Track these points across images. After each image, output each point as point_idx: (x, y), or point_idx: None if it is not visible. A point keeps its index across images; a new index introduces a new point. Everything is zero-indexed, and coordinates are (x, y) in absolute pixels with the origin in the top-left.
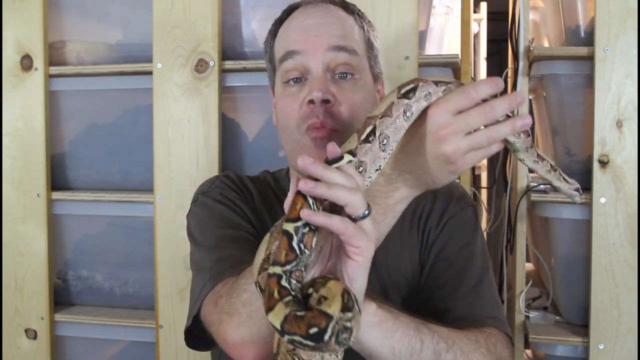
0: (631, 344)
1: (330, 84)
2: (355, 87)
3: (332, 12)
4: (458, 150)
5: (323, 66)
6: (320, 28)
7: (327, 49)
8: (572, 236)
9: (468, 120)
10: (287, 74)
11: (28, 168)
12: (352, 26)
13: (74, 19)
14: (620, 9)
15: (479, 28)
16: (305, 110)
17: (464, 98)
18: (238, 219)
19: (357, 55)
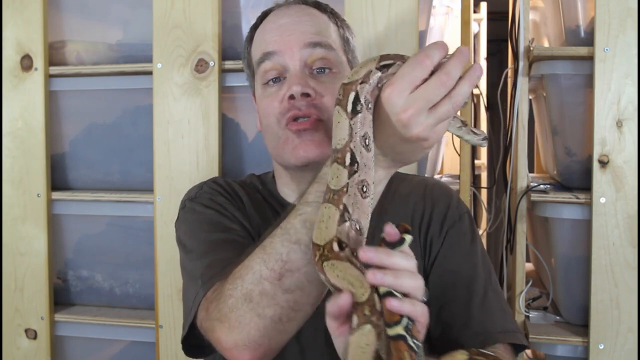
0: (631, 344)
1: (309, 79)
2: (335, 80)
3: (305, 11)
4: (426, 129)
5: (300, 63)
6: (294, 26)
7: (303, 46)
8: (572, 236)
9: (428, 96)
10: (266, 75)
11: (28, 168)
12: (326, 23)
13: (74, 19)
14: (620, 9)
15: (479, 28)
16: (286, 105)
17: (418, 70)
18: (228, 223)
19: (333, 50)
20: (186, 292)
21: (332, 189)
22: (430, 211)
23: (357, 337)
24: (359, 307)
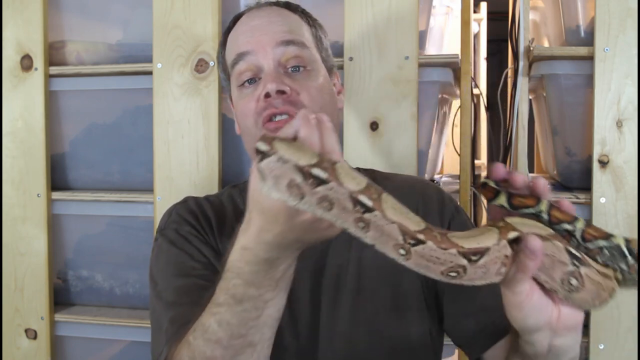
0: (631, 344)
1: (284, 78)
2: (310, 77)
3: (275, 11)
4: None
5: (274, 62)
6: (266, 27)
7: (276, 44)
8: None
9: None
10: (241, 77)
11: (28, 168)
12: (297, 21)
13: (74, 19)
14: (620, 9)
15: (479, 28)
16: (262, 104)
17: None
18: (191, 262)
19: (306, 48)
20: (153, 338)
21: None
22: (424, 208)
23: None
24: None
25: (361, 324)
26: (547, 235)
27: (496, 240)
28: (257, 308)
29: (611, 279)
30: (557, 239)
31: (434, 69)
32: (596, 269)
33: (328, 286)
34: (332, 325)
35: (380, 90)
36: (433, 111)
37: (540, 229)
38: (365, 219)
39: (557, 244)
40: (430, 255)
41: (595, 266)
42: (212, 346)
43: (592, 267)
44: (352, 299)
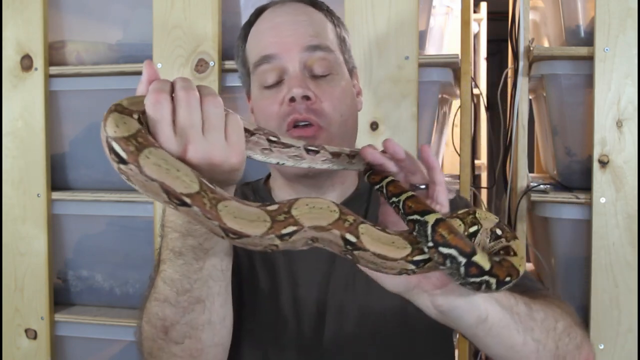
0: (631, 344)
1: (309, 82)
2: (333, 83)
3: (301, 9)
4: (217, 148)
5: (300, 65)
6: (292, 27)
7: (302, 49)
8: (572, 236)
9: (187, 121)
10: (264, 78)
11: (28, 168)
12: (323, 23)
13: (74, 19)
14: (620, 9)
15: (479, 28)
16: (286, 109)
17: (159, 110)
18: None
19: (332, 52)
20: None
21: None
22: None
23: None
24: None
25: (368, 327)
26: (327, 225)
27: (259, 233)
28: (197, 259)
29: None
30: (336, 227)
31: (434, 69)
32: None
33: (336, 288)
34: (337, 327)
35: (380, 90)
36: (433, 111)
37: (325, 219)
38: (123, 170)
39: (334, 232)
40: (196, 217)
41: (370, 247)
42: (162, 305)
43: (364, 250)
44: (360, 301)
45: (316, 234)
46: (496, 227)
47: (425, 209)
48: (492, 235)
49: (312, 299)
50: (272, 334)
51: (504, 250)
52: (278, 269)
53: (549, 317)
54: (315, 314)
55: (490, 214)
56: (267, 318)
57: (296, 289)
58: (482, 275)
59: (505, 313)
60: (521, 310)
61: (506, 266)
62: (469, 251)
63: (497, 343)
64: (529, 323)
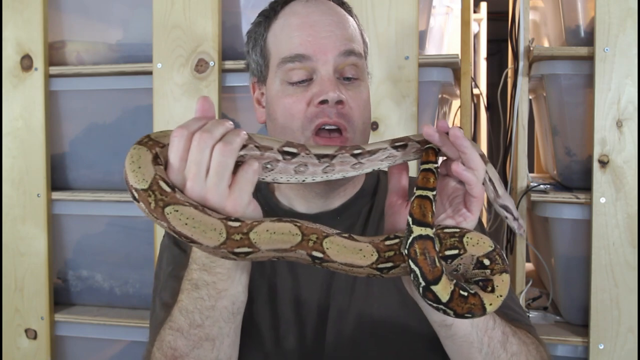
0: (631, 344)
1: (341, 87)
2: (360, 89)
3: (335, 10)
4: (215, 193)
5: (333, 68)
6: (328, 28)
7: (339, 53)
8: (572, 236)
9: (195, 159)
10: (291, 74)
11: (28, 168)
12: (353, 26)
13: (74, 19)
14: (620, 9)
15: (479, 28)
16: (314, 110)
17: (176, 142)
18: (182, 268)
19: (362, 58)
20: (151, 316)
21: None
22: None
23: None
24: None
25: (368, 330)
26: (290, 247)
27: (212, 244)
28: (210, 296)
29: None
30: (300, 248)
31: (434, 69)
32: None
33: (337, 292)
34: (339, 331)
35: (380, 90)
36: (433, 111)
37: (286, 243)
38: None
39: (299, 252)
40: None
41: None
42: (175, 335)
43: (332, 262)
44: (361, 305)
45: (278, 255)
46: (485, 257)
47: (422, 218)
48: (477, 264)
49: (314, 302)
50: (274, 338)
51: (482, 283)
52: (279, 272)
53: (521, 353)
54: (316, 318)
55: (486, 242)
56: (269, 322)
57: (298, 292)
58: (437, 304)
59: (473, 331)
60: (495, 335)
61: (471, 302)
62: (430, 278)
63: (455, 351)
64: (498, 351)
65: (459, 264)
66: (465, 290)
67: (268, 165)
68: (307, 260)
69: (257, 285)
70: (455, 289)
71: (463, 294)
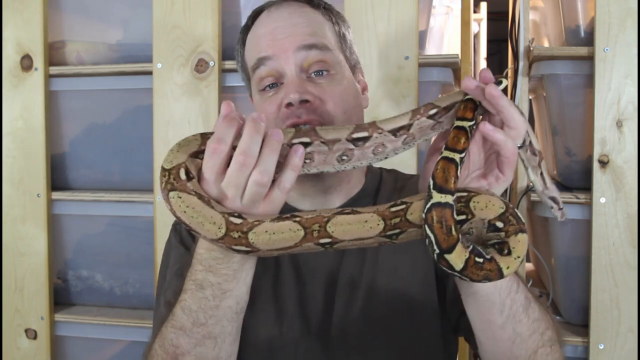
0: (631, 344)
1: (307, 84)
2: (333, 83)
3: (297, 11)
4: (247, 209)
5: (296, 67)
6: (287, 29)
7: (297, 48)
8: (572, 236)
9: (233, 181)
10: (262, 82)
11: (28, 168)
12: (320, 21)
13: (74, 19)
14: (620, 9)
15: (479, 28)
16: (284, 112)
17: (215, 159)
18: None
19: (329, 51)
20: (154, 313)
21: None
22: None
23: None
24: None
25: (374, 325)
26: (295, 244)
27: (209, 237)
28: (215, 296)
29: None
30: (306, 241)
31: (434, 69)
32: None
33: (342, 287)
34: (344, 325)
35: (380, 90)
36: None
37: (289, 241)
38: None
39: (306, 245)
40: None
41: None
42: (177, 333)
43: (341, 242)
44: (366, 300)
45: (283, 252)
46: (497, 220)
47: (444, 184)
48: (489, 227)
49: (319, 298)
50: (278, 334)
51: (498, 246)
52: (283, 268)
53: (542, 320)
54: (321, 313)
55: (495, 203)
56: (272, 317)
57: (303, 288)
58: (452, 271)
59: (495, 292)
60: (518, 299)
61: (487, 269)
62: (444, 247)
63: (476, 310)
64: (519, 314)
65: (470, 228)
66: (481, 257)
67: (343, 157)
68: (317, 249)
69: (262, 283)
70: (470, 257)
71: (478, 261)
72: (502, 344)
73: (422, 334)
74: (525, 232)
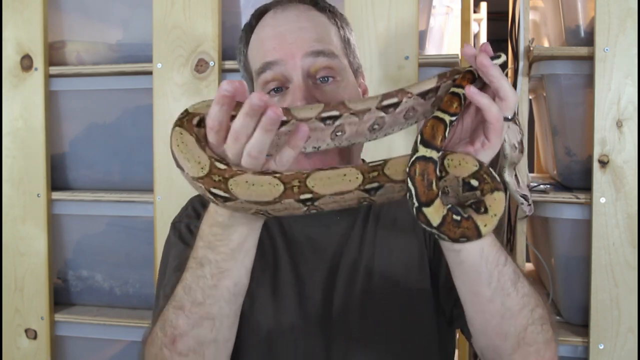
0: (631, 344)
1: (313, 90)
2: (338, 90)
3: (304, 14)
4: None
5: (303, 73)
6: (295, 34)
7: (305, 54)
8: (572, 236)
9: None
10: (267, 85)
11: (28, 168)
12: (326, 26)
13: (74, 19)
14: (620, 9)
15: (479, 28)
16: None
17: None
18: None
19: (336, 57)
20: (154, 310)
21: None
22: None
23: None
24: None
25: (371, 325)
26: (274, 199)
27: (192, 175)
28: (213, 275)
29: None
30: (286, 197)
31: (434, 69)
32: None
33: (341, 283)
34: (343, 320)
35: (380, 91)
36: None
37: (268, 196)
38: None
39: (286, 201)
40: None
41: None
42: (177, 313)
43: (322, 197)
44: (363, 301)
45: (262, 208)
46: (471, 178)
47: (431, 139)
48: (464, 186)
49: (317, 297)
50: (277, 321)
51: (475, 205)
52: (281, 267)
53: (531, 297)
54: (321, 300)
55: (469, 161)
56: (271, 304)
57: (302, 287)
58: (429, 227)
59: (482, 262)
60: (506, 272)
61: (464, 226)
62: (422, 200)
63: (463, 281)
64: (507, 288)
65: (445, 187)
66: (459, 215)
67: (375, 126)
68: (298, 207)
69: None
70: (448, 213)
71: (456, 219)
72: (491, 318)
73: (418, 329)
74: (501, 190)
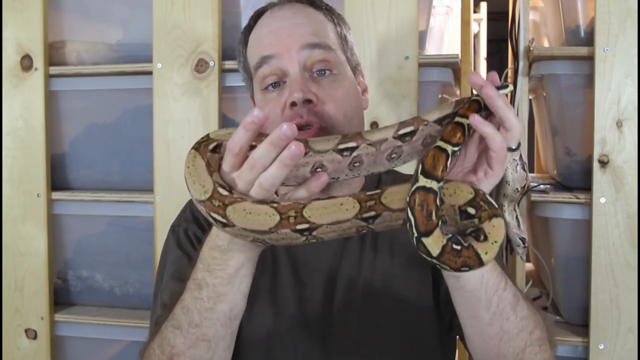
0: (631, 344)
1: (310, 83)
2: (336, 83)
3: (300, 11)
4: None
5: (299, 66)
6: (291, 29)
7: (301, 47)
8: (572, 236)
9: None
10: (265, 80)
11: (28, 168)
12: (322, 22)
13: (74, 19)
14: (620, 9)
15: (479, 28)
16: (288, 113)
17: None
18: (191, 268)
19: (332, 50)
20: (151, 314)
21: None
22: None
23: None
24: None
25: (372, 329)
26: (270, 229)
27: (195, 196)
28: (210, 298)
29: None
30: (282, 227)
31: (434, 69)
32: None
33: (341, 285)
34: (343, 322)
35: (380, 90)
36: None
37: (264, 225)
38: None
39: (281, 231)
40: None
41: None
42: (174, 332)
43: (319, 227)
44: (364, 304)
45: (260, 237)
46: (468, 206)
47: (432, 170)
48: (462, 215)
49: (317, 299)
50: (277, 336)
51: (474, 233)
52: (281, 269)
53: (530, 319)
54: (320, 314)
55: (464, 189)
56: (271, 319)
57: (302, 289)
58: (429, 257)
59: (482, 288)
60: (506, 297)
61: (465, 255)
62: (422, 230)
63: (462, 304)
64: (507, 312)
65: (442, 216)
66: (459, 244)
67: (393, 155)
68: (296, 237)
69: (258, 283)
70: (447, 243)
71: (456, 248)
72: (489, 340)
73: (419, 334)
74: (500, 216)
